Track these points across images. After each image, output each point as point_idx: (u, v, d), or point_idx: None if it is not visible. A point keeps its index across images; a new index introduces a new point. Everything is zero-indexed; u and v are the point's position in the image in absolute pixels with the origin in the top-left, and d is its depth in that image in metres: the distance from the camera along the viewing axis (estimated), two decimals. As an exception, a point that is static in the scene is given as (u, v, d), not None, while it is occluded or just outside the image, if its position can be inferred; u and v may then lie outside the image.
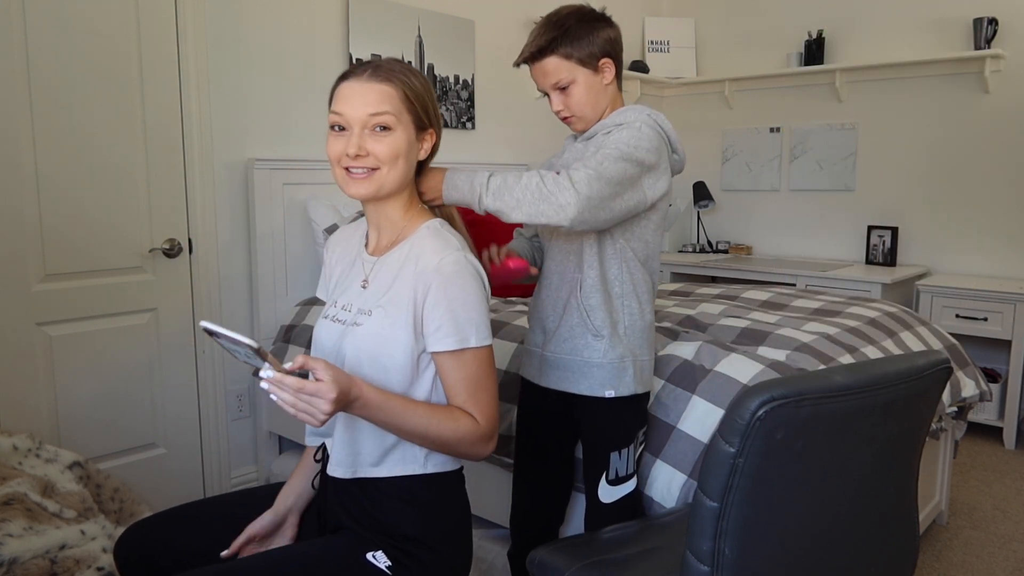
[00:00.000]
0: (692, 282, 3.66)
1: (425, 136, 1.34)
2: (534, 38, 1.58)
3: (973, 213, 3.80)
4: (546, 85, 1.60)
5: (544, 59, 1.57)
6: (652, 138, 1.52)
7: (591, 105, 1.60)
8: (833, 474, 1.10)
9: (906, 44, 3.91)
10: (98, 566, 1.61)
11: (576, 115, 1.61)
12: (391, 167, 1.28)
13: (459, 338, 1.25)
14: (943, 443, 2.59)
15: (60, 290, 2.35)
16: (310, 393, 1.09)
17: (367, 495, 1.31)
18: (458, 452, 1.28)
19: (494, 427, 1.29)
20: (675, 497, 1.73)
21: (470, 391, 1.27)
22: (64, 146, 2.32)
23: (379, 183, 1.28)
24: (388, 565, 1.27)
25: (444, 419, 1.24)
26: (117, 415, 2.50)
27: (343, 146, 1.27)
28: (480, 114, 3.69)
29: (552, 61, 1.57)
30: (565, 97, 1.59)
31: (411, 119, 1.30)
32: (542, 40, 1.56)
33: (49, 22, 2.26)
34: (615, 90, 1.64)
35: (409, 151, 1.30)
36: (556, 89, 1.59)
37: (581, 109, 1.60)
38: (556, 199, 1.39)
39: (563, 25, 1.56)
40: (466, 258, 1.27)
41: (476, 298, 1.26)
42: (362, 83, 1.27)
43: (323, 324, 1.38)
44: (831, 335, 2.15)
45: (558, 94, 1.60)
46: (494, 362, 1.31)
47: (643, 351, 1.63)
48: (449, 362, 1.26)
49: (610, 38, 1.59)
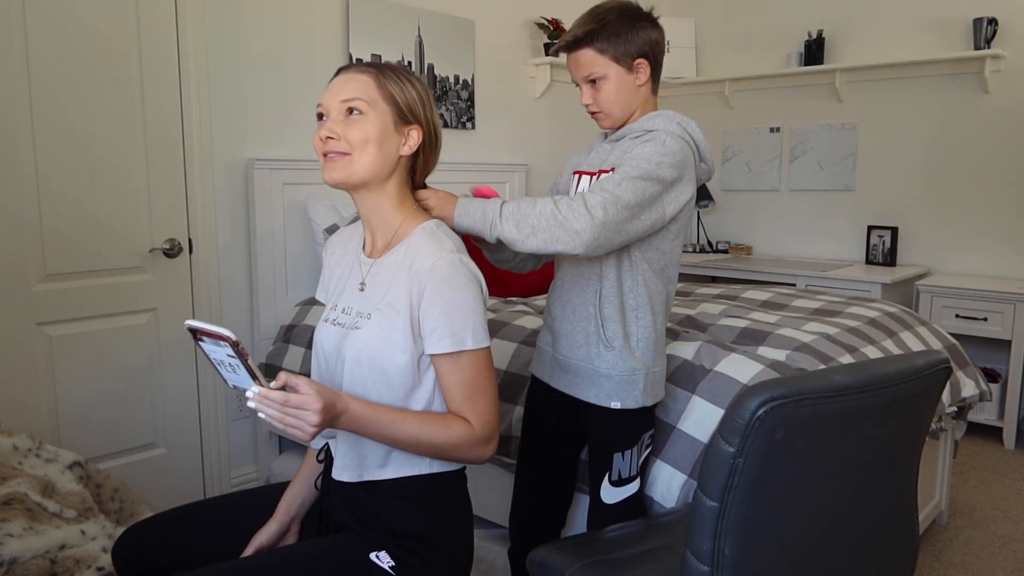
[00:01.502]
0: (692, 282, 3.66)
1: (409, 131, 1.32)
2: (574, 27, 1.57)
3: (973, 213, 3.80)
4: (579, 76, 1.58)
5: (579, 50, 1.56)
6: (676, 152, 1.49)
7: (620, 104, 1.58)
8: (833, 474, 1.10)
9: (906, 44, 3.91)
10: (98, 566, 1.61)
11: (604, 111, 1.59)
12: (361, 151, 1.28)
13: (454, 340, 1.24)
14: (943, 443, 2.59)
15: (60, 290, 2.35)
16: (295, 406, 1.10)
17: (372, 496, 1.31)
18: (454, 457, 1.28)
19: (491, 430, 1.28)
20: (675, 497, 1.73)
21: (466, 394, 1.26)
22: (64, 146, 2.32)
23: (349, 168, 1.28)
24: (391, 565, 1.27)
25: (436, 427, 1.24)
26: (117, 415, 2.50)
27: (320, 133, 1.30)
28: (480, 114, 3.69)
29: (586, 54, 1.55)
30: (595, 92, 1.57)
31: (389, 109, 1.30)
32: (580, 31, 1.55)
33: (49, 22, 2.26)
34: (648, 92, 1.61)
35: (383, 139, 1.29)
36: (587, 82, 1.57)
37: (609, 106, 1.58)
38: (571, 225, 1.37)
39: (603, 19, 1.54)
40: (461, 260, 1.27)
41: (472, 300, 1.26)
42: (345, 73, 1.31)
43: (324, 328, 1.38)
44: (831, 335, 2.15)
45: (589, 87, 1.58)
46: (492, 365, 1.30)
47: (655, 363, 1.61)
48: (446, 365, 1.26)
49: (651, 39, 1.56)
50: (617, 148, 1.58)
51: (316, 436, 1.14)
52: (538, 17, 3.91)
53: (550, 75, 3.95)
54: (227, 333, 1.06)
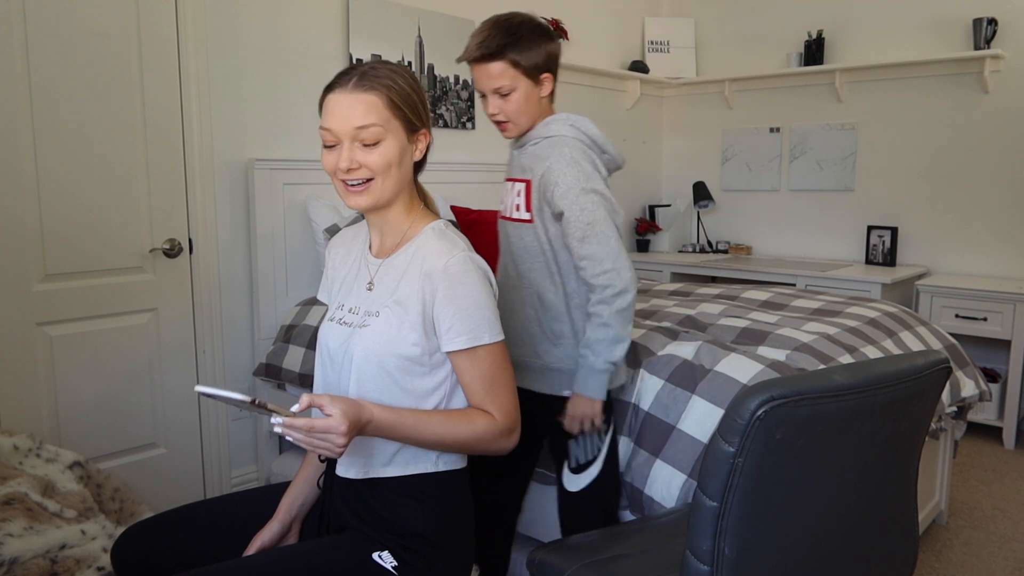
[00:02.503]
0: (692, 282, 3.67)
1: (418, 137, 1.34)
2: (484, 39, 1.59)
3: (973, 213, 3.80)
4: (487, 87, 1.62)
5: (491, 63, 1.59)
6: (581, 158, 1.60)
7: (528, 115, 1.64)
8: (833, 474, 1.10)
9: (906, 44, 3.91)
10: (98, 566, 1.62)
11: (512, 121, 1.65)
12: (385, 176, 1.28)
13: (471, 336, 1.27)
14: (943, 443, 2.59)
15: (60, 290, 2.35)
16: (322, 431, 1.12)
17: (375, 494, 1.31)
18: (479, 450, 1.30)
19: (514, 420, 1.31)
20: (675, 497, 1.73)
21: (486, 387, 1.29)
22: (64, 146, 2.32)
23: (377, 194, 1.29)
24: (394, 565, 1.27)
25: (460, 423, 1.26)
26: (117, 415, 2.50)
27: (335, 160, 1.28)
28: (480, 114, 3.69)
29: (499, 66, 1.59)
30: (504, 103, 1.62)
31: (401, 124, 1.29)
32: (493, 44, 1.58)
33: (49, 23, 2.26)
34: (548, 104, 1.69)
35: (402, 157, 1.30)
36: (496, 93, 1.62)
37: (518, 117, 1.64)
38: (620, 300, 1.57)
39: (516, 33, 1.59)
40: (471, 258, 1.29)
41: (484, 296, 1.28)
42: (347, 95, 1.26)
43: (329, 327, 1.38)
44: (831, 335, 2.15)
45: (497, 98, 1.62)
46: (508, 356, 1.33)
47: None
48: (463, 361, 1.28)
49: (553, 54, 1.65)
50: (523, 155, 1.67)
51: (345, 451, 1.17)
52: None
53: (550, 75, 3.95)
54: (241, 397, 1.07)
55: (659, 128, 4.87)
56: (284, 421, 1.11)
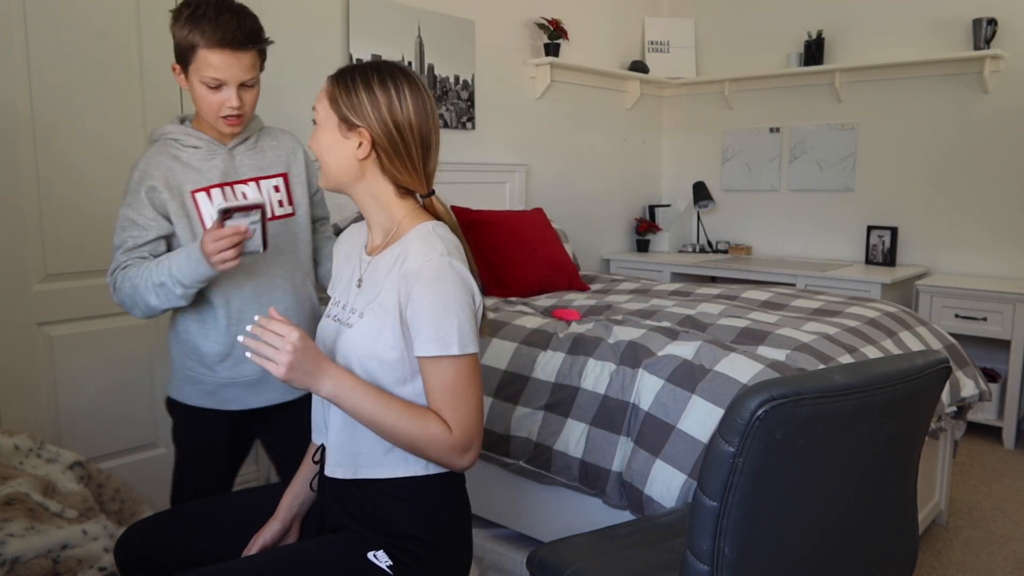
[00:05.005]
0: (692, 282, 3.67)
1: (353, 134, 1.29)
2: (240, 23, 1.65)
3: (973, 213, 3.80)
4: (240, 78, 1.67)
5: (244, 51, 1.65)
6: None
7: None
8: (833, 474, 1.10)
9: (906, 44, 3.91)
10: (100, 566, 1.62)
11: (247, 116, 1.78)
12: (325, 157, 1.32)
13: (439, 344, 1.21)
14: (943, 443, 2.59)
15: (60, 290, 2.35)
16: (276, 329, 1.17)
17: (367, 496, 1.31)
18: (429, 456, 1.25)
19: (470, 439, 1.24)
20: (675, 497, 1.73)
21: (446, 399, 1.23)
22: (64, 146, 2.32)
23: (323, 177, 1.35)
24: (389, 565, 1.27)
25: (415, 419, 1.22)
26: (118, 415, 2.50)
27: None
28: (480, 114, 3.69)
29: (250, 56, 1.68)
30: (248, 95, 1.72)
31: (336, 119, 1.31)
32: (248, 30, 1.66)
33: (49, 22, 2.26)
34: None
35: (334, 148, 1.31)
36: (244, 86, 1.68)
37: (251, 112, 1.78)
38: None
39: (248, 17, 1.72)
40: (450, 264, 1.23)
41: (458, 304, 1.22)
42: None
43: (324, 323, 1.39)
44: (831, 335, 2.16)
45: (244, 90, 1.69)
46: (478, 372, 1.26)
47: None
48: (429, 367, 1.24)
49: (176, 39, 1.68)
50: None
51: (288, 376, 1.17)
52: (538, 17, 3.91)
53: (550, 75, 3.95)
54: (256, 200, 1.32)
55: (659, 128, 4.87)
56: (257, 320, 1.18)
